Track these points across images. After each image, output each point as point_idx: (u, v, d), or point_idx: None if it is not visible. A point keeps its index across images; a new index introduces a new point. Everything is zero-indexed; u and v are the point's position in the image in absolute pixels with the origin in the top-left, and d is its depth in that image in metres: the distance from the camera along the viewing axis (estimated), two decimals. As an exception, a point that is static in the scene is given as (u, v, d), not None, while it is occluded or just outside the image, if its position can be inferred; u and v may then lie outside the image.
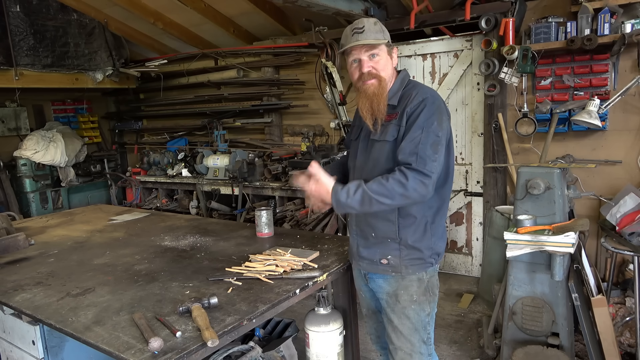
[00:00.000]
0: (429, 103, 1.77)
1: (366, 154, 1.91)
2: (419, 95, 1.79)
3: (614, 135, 3.65)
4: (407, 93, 1.84)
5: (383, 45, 1.82)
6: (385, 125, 1.84)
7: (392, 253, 1.87)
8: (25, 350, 2.04)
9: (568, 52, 3.63)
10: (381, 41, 1.80)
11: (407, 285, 1.89)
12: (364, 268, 1.98)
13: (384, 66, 1.83)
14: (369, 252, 1.93)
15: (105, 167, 6.77)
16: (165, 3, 4.89)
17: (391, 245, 1.87)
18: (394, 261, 1.87)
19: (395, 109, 1.84)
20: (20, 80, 5.15)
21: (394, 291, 1.91)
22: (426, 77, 4.51)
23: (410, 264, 1.86)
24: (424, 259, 1.88)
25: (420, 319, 1.91)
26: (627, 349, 2.80)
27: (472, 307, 3.82)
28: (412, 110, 1.77)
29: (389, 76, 1.85)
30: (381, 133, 1.84)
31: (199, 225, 3.00)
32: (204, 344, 1.43)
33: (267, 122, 5.56)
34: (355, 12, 4.05)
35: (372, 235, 1.91)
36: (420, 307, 1.91)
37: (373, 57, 1.81)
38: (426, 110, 1.75)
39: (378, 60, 1.82)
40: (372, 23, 1.82)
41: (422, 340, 1.93)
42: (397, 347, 1.94)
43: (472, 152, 4.39)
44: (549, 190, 2.44)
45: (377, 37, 1.80)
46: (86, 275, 2.12)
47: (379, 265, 1.91)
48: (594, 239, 3.69)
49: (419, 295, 1.90)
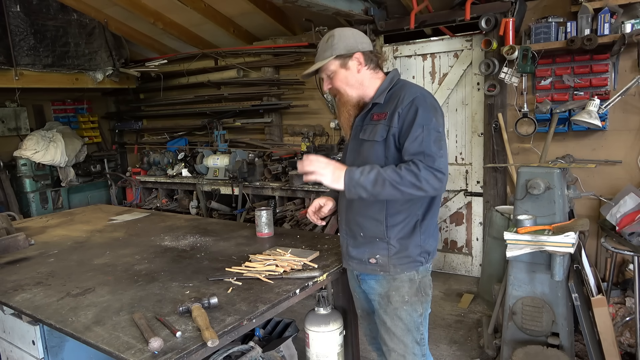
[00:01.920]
0: (422, 101, 1.75)
1: (356, 154, 1.91)
2: (409, 95, 1.78)
3: (614, 135, 3.65)
4: (396, 93, 1.83)
5: (333, 61, 1.82)
6: (373, 124, 1.83)
7: (380, 252, 1.86)
8: (25, 350, 2.04)
9: (568, 52, 3.63)
10: (326, 60, 1.82)
11: (399, 286, 1.88)
12: (354, 268, 1.97)
13: (344, 79, 1.85)
14: (358, 251, 1.92)
15: (105, 167, 6.77)
16: (165, 3, 4.89)
17: (379, 244, 1.86)
18: (382, 260, 1.86)
19: (383, 108, 1.83)
20: (21, 80, 5.15)
21: (385, 292, 1.90)
22: (426, 77, 4.51)
23: (399, 262, 1.85)
24: (413, 257, 1.85)
25: (412, 320, 1.90)
26: (627, 349, 2.80)
27: (472, 307, 3.82)
28: (406, 111, 1.75)
29: (350, 85, 1.86)
30: (370, 132, 1.83)
31: (199, 225, 3.00)
32: (204, 344, 1.43)
33: (267, 122, 5.56)
34: (355, 12, 4.06)
35: (360, 235, 1.90)
36: (413, 308, 1.89)
37: (329, 74, 1.86)
38: (421, 109, 1.73)
39: (334, 76, 1.85)
40: (325, 41, 1.85)
41: (416, 341, 1.92)
42: (390, 348, 1.94)
43: (472, 152, 4.40)
44: (549, 190, 2.44)
45: (325, 55, 1.83)
46: (86, 275, 2.12)
47: (367, 265, 1.90)
48: (594, 239, 3.69)
49: (410, 296, 1.88)
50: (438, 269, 4.68)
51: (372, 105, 1.86)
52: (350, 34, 1.86)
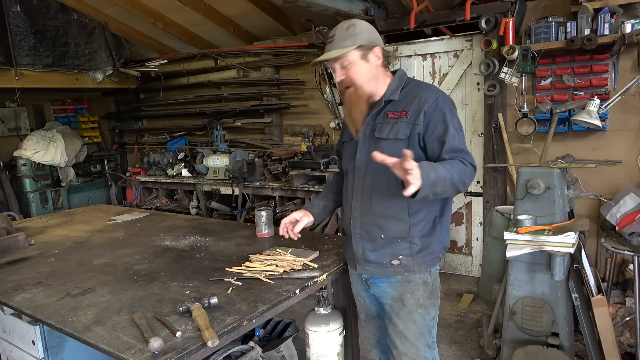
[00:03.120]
0: (446, 101, 1.76)
1: (370, 154, 1.81)
2: (432, 93, 1.77)
3: (614, 135, 3.65)
4: (412, 91, 1.80)
5: (353, 51, 1.74)
6: (392, 122, 1.78)
7: (402, 252, 1.82)
8: (25, 350, 2.04)
9: (568, 52, 3.63)
10: (346, 49, 1.73)
11: (414, 289, 1.85)
12: (372, 272, 1.90)
13: (359, 72, 1.77)
14: (378, 254, 1.86)
15: (105, 167, 6.77)
16: (165, 3, 4.89)
17: (401, 244, 1.81)
18: (406, 260, 1.82)
19: (400, 106, 1.79)
20: (21, 80, 5.15)
21: (399, 295, 1.87)
22: (426, 77, 4.51)
23: (423, 260, 1.82)
24: (435, 253, 1.85)
25: (426, 323, 1.88)
26: (627, 349, 2.80)
27: (472, 307, 3.82)
28: (432, 110, 1.73)
29: (368, 80, 1.80)
30: (389, 131, 1.78)
31: (199, 225, 3.00)
32: (204, 344, 1.43)
33: (267, 122, 5.56)
34: (355, 12, 4.06)
35: (381, 237, 1.84)
36: (426, 311, 1.87)
37: (345, 65, 1.77)
38: (447, 109, 1.74)
39: (350, 67, 1.77)
40: (344, 29, 1.76)
41: (427, 344, 1.90)
42: (401, 352, 1.90)
43: (472, 152, 4.37)
44: (549, 190, 2.44)
45: (345, 44, 1.74)
46: (86, 275, 2.12)
47: (389, 268, 1.85)
48: (594, 239, 3.69)
49: (425, 299, 1.86)
50: (438, 269, 4.68)
51: (385, 104, 1.82)
52: (369, 27, 1.82)
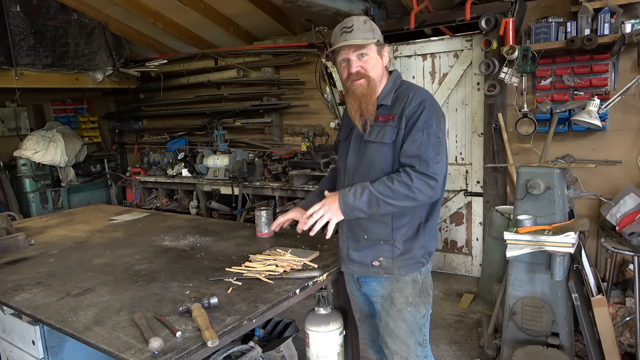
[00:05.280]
0: (428, 105, 1.75)
1: (359, 156, 1.87)
2: (417, 97, 1.77)
3: (614, 135, 3.65)
4: (403, 94, 1.81)
5: (372, 45, 1.77)
6: (380, 126, 1.80)
7: (384, 255, 1.84)
8: (25, 350, 2.04)
9: (568, 52, 3.63)
10: (370, 41, 1.76)
11: (402, 287, 1.86)
12: (355, 271, 1.95)
13: (374, 66, 1.79)
14: (360, 254, 1.89)
15: (105, 167, 6.77)
16: (165, 3, 4.89)
17: (383, 247, 1.84)
18: (386, 263, 1.84)
19: (390, 109, 1.81)
20: (20, 80, 5.15)
21: (388, 294, 1.88)
22: (426, 77, 4.51)
23: (403, 264, 1.84)
24: (417, 258, 1.85)
25: (416, 321, 1.89)
26: (627, 349, 2.80)
27: (472, 307, 3.82)
28: (412, 113, 1.74)
29: (378, 76, 1.81)
30: (377, 134, 1.80)
31: (199, 225, 3.00)
32: (204, 344, 1.43)
33: (267, 122, 5.56)
34: (356, 12, 4.05)
35: (364, 237, 1.88)
36: (416, 309, 1.88)
37: (362, 56, 1.77)
38: (425, 112, 1.73)
39: (367, 60, 1.77)
40: (362, 22, 1.77)
41: (418, 342, 1.91)
42: (392, 351, 1.92)
43: (472, 152, 4.39)
44: (549, 190, 2.44)
45: (366, 36, 1.75)
46: (86, 275, 2.12)
47: (370, 268, 1.88)
48: (594, 239, 3.69)
49: (414, 297, 1.87)
50: (438, 269, 4.68)
51: (378, 107, 1.82)
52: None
